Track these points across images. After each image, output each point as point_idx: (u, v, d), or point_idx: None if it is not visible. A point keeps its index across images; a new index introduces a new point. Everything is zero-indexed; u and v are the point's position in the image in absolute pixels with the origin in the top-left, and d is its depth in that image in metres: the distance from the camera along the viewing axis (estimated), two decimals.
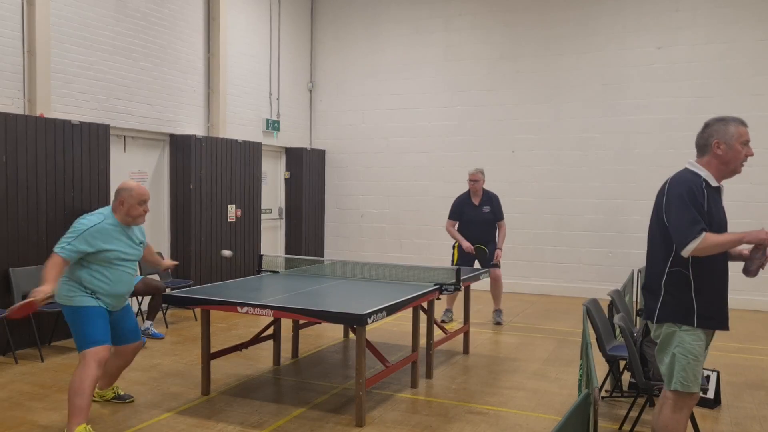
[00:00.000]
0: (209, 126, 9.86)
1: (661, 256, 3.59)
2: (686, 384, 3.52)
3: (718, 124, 3.63)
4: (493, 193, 8.46)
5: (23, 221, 6.76)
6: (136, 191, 4.62)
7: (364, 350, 4.77)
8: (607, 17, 10.36)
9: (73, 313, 4.52)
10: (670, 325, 3.56)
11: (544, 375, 6.17)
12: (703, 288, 3.51)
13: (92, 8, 7.89)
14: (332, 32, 12.23)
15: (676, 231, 3.45)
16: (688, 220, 3.40)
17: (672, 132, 10.03)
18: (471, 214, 8.29)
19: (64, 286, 4.53)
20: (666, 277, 3.56)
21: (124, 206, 4.60)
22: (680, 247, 3.42)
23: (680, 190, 3.48)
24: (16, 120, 6.67)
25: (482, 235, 8.28)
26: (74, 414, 4.33)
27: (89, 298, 4.52)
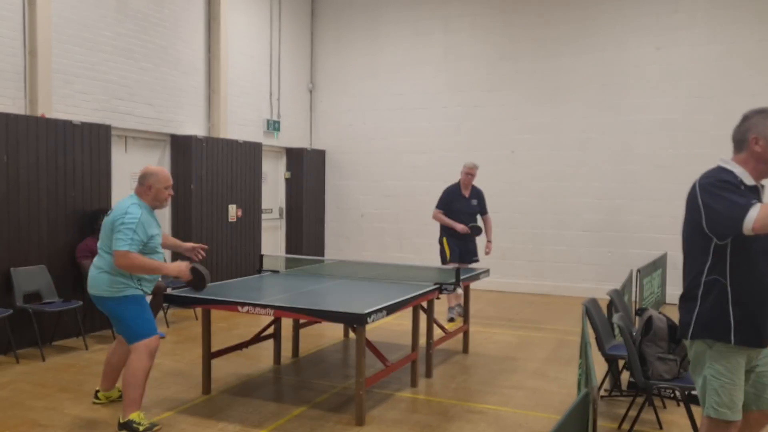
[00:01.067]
0: (210, 126, 9.88)
1: (697, 265, 3.16)
2: (721, 410, 3.08)
3: (758, 116, 3.15)
4: (479, 188, 8.73)
5: (24, 221, 6.77)
6: (162, 175, 4.72)
7: (364, 349, 4.78)
8: (606, 18, 10.38)
9: (121, 304, 4.56)
10: (700, 343, 3.15)
11: (544, 374, 6.19)
12: (743, 299, 3.07)
13: (93, 9, 7.91)
14: (332, 33, 12.25)
15: (721, 216, 2.99)
16: (729, 200, 2.97)
17: (671, 132, 10.04)
18: (460, 206, 8.50)
19: (105, 278, 4.56)
20: (702, 287, 3.14)
21: (152, 191, 4.67)
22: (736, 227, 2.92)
23: (709, 181, 3.11)
24: (17, 120, 6.68)
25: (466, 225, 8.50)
26: (129, 405, 4.51)
27: (135, 288, 4.60)
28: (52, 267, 7.00)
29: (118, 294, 4.54)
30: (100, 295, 4.59)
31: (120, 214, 4.53)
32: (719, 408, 3.09)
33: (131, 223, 4.48)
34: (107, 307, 4.63)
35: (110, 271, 4.57)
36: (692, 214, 3.18)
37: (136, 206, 4.59)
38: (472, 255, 8.52)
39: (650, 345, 4.53)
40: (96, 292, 4.61)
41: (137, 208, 4.58)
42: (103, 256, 4.63)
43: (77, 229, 7.33)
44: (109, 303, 4.59)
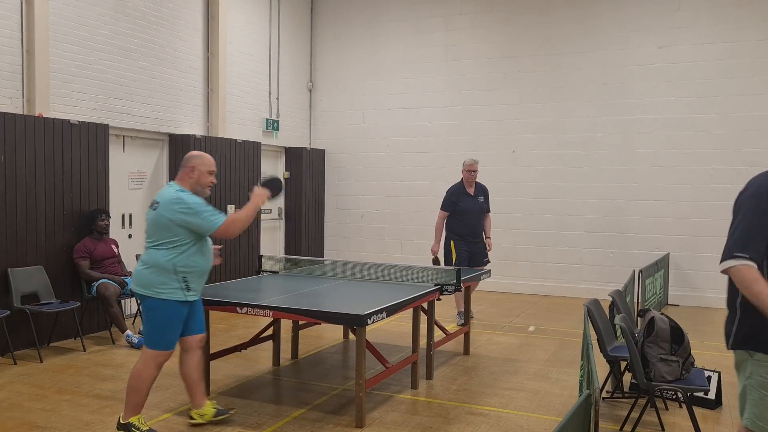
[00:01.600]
0: (208, 126, 9.84)
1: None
2: (759, 423, 2.95)
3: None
4: (483, 184, 8.62)
5: (22, 221, 6.73)
6: (206, 158, 4.58)
7: (364, 351, 4.74)
8: (608, 17, 10.34)
9: (161, 306, 4.37)
10: (742, 353, 3.01)
11: (545, 376, 6.14)
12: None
13: (91, 7, 7.86)
14: (332, 31, 12.21)
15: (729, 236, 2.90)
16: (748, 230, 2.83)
17: (673, 131, 10.00)
18: (467, 204, 8.31)
19: (148, 275, 4.38)
20: (741, 296, 2.95)
21: (195, 173, 4.52)
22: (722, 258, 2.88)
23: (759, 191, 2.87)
24: (15, 120, 6.64)
25: (477, 225, 8.31)
26: (130, 408, 4.42)
27: (179, 292, 4.39)
28: (49, 267, 6.96)
29: (157, 295, 4.36)
30: (141, 292, 4.42)
31: (174, 203, 4.35)
32: (757, 421, 2.96)
33: (198, 202, 4.41)
34: (145, 306, 4.47)
35: (156, 267, 4.37)
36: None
37: (183, 191, 4.44)
38: (482, 257, 8.32)
39: (652, 346, 4.50)
40: (138, 288, 4.44)
41: (186, 192, 4.44)
42: (150, 252, 4.43)
43: (75, 229, 7.29)
44: (148, 302, 4.42)
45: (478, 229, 8.32)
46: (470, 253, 8.23)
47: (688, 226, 9.94)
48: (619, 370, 5.38)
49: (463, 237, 8.25)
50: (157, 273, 4.37)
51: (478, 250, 8.30)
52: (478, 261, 8.24)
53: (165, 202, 4.38)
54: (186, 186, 4.50)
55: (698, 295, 9.85)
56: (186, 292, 4.42)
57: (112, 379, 5.85)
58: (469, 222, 8.27)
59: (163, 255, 4.37)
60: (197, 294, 4.54)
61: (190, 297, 4.46)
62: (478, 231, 8.32)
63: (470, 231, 8.27)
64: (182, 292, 4.41)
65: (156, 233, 4.41)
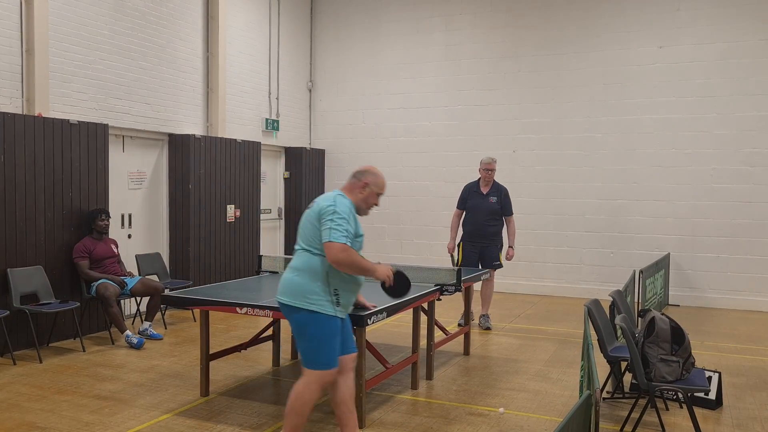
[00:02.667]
0: (208, 125, 9.83)
1: None
2: None
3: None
4: (504, 186, 8.22)
5: (21, 221, 6.72)
6: (381, 179, 4.13)
7: (364, 351, 4.73)
8: (608, 17, 10.33)
9: (312, 320, 3.88)
10: None
11: (546, 376, 6.14)
12: None
13: (90, 7, 7.85)
14: (332, 31, 12.20)
15: None
16: None
17: (674, 132, 9.99)
18: (475, 202, 8.06)
19: (299, 284, 3.90)
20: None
21: (366, 191, 4.08)
22: None
23: None
24: (14, 120, 6.63)
25: (485, 226, 7.99)
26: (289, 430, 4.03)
27: (330, 306, 3.91)
28: (49, 268, 6.95)
29: (309, 306, 3.86)
30: (289, 303, 3.92)
31: (327, 204, 3.90)
32: None
33: (344, 212, 3.85)
34: (293, 320, 3.95)
35: (305, 272, 3.91)
36: None
37: (345, 197, 3.98)
38: (492, 260, 8.00)
39: (653, 347, 4.49)
40: (284, 298, 3.95)
41: (346, 199, 3.97)
42: (302, 255, 3.97)
43: (74, 229, 7.28)
44: (296, 316, 3.91)
45: (486, 231, 8.00)
46: (480, 255, 8.02)
47: (688, 226, 9.93)
48: (620, 371, 5.38)
49: (470, 237, 8.07)
50: (312, 280, 3.89)
51: (488, 253, 8.01)
52: (487, 264, 7.97)
53: (322, 201, 3.97)
54: (351, 197, 4.04)
55: (698, 295, 9.84)
56: (336, 306, 3.94)
57: (112, 379, 5.84)
58: (476, 221, 8.04)
59: (317, 260, 3.91)
60: (346, 311, 4.07)
61: (339, 313, 3.97)
62: (488, 232, 8.00)
63: (476, 231, 8.03)
64: (332, 306, 3.92)
65: (309, 233, 3.95)
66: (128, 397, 5.35)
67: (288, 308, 3.95)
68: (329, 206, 3.88)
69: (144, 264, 8.13)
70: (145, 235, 8.78)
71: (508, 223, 8.17)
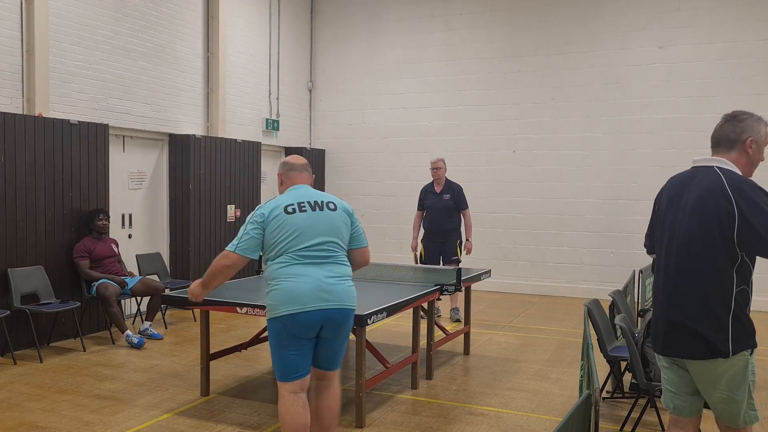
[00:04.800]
0: (208, 125, 9.83)
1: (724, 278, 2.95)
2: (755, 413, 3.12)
3: (752, 120, 3.17)
4: (456, 183, 8.56)
5: (21, 221, 6.73)
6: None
7: (364, 351, 4.74)
8: (608, 16, 10.33)
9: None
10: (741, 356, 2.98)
11: (545, 376, 6.14)
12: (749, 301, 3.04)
13: (91, 7, 7.86)
14: (332, 31, 12.20)
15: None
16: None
17: (673, 131, 10.00)
18: (431, 201, 8.46)
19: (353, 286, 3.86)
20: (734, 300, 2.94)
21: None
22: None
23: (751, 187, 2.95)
24: (15, 120, 6.64)
25: (442, 223, 8.37)
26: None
27: None
28: (49, 267, 6.95)
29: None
30: (354, 307, 3.83)
31: (349, 207, 3.97)
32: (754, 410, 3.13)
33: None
34: (350, 324, 3.86)
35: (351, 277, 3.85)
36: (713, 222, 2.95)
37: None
38: (451, 255, 8.35)
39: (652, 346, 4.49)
40: (352, 304, 3.81)
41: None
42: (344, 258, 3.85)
43: (75, 229, 7.28)
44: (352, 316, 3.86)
45: (444, 228, 8.37)
46: (440, 251, 8.37)
47: None
48: (619, 370, 5.38)
49: (430, 235, 8.44)
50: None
51: (447, 249, 8.37)
52: (447, 259, 8.33)
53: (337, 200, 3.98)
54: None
55: None
56: None
57: (112, 379, 5.85)
58: (433, 219, 8.41)
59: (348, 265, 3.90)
60: None
61: None
62: (446, 229, 8.37)
63: (435, 228, 8.41)
64: None
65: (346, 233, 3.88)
66: (128, 396, 5.36)
67: (351, 312, 3.84)
68: (350, 208, 3.97)
69: (144, 264, 8.13)
70: (146, 235, 8.79)
71: (465, 217, 8.50)
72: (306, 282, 3.63)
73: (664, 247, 3.17)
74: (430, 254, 8.40)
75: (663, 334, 3.15)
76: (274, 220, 3.75)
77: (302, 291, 3.62)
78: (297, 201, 3.83)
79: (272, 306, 3.69)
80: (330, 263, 3.73)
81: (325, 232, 3.76)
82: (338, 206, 3.89)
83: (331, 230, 3.78)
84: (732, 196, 2.92)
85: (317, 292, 3.63)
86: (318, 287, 3.64)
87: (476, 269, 7.55)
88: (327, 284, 3.67)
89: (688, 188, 3.12)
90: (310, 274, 3.65)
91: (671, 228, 3.14)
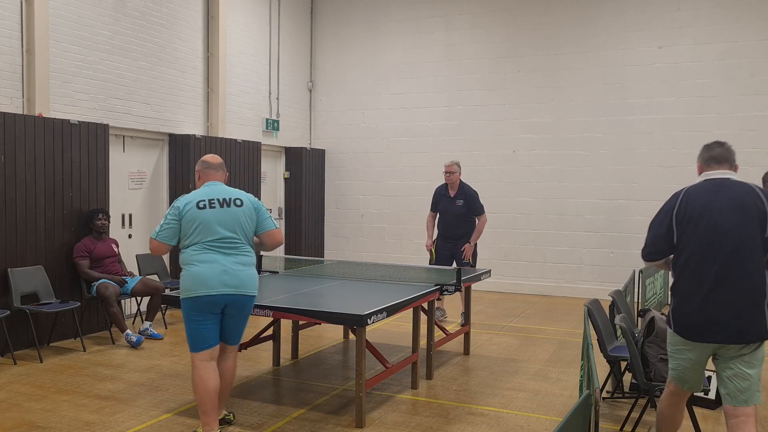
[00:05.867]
0: (208, 125, 9.83)
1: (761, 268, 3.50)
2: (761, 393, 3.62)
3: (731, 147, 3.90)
4: (471, 188, 8.29)
5: (21, 221, 6.73)
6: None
7: (364, 351, 4.74)
8: (608, 17, 10.33)
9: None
10: None
11: (545, 376, 6.14)
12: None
13: (91, 7, 7.86)
14: (332, 31, 12.20)
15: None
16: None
17: (674, 132, 10.00)
18: (444, 206, 8.27)
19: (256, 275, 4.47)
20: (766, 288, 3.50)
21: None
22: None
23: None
24: (15, 120, 6.64)
25: (454, 228, 8.18)
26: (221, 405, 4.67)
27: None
28: (49, 267, 6.95)
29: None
30: (254, 294, 4.44)
31: (256, 199, 4.53)
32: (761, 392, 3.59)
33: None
34: (251, 305, 4.51)
35: (254, 266, 4.47)
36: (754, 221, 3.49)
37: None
38: (461, 259, 8.16)
39: (652, 346, 4.49)
40: (252, 291, 4.41)
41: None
42: (248, 250, 4.43)
43: (75, 229, 7.28)
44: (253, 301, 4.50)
45: (457, 232, 8.16)
46: (451, 254, 8.20)
47: None
48: (620, 370, 5.38)
49: (443, 237, 8.29)
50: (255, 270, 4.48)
51: (458, 252, 8.19)
52: (459, 263, 8.12)
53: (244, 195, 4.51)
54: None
55: None
56: None
57: (112, 379, 5.85)
58: (446, 224, 8.25)
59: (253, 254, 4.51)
60: None
61: None
62: (458, 234, 8.16)
63: (447, 233, 8.23)
64: None
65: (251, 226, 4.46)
66: (129, 396, 5.36)
67: (252, 299, 4.43)
68: (257, 201, 4.51)
69: (144, 264, 8.13)
70: (146, 235, 8.78)
71: (478, 222, 8.23)
72: (213, 268, 4.23)
73: (705, 246, 3.53)
74: (441, 256, 8.23)
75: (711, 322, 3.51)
76: (188, 213, 4.30)
77: (210, 275, 4.21)
78: (208, 198, 4.37)
79: (184, 287, 4.27)
80: (234, 254, 4.32)
81: (230, 227, 4.33)
82: (244, 202, 4.43)
83: (235, 225, 4.35)
84: (764, 200, 3.50)
85: (222, 276, 4.23)
86: (223, 272, 4.24)
87: (476, 269, 7.57)
88: (231, 270, 4.27)
89: (718, 195, 3.57)
90: (217, 261, 4.25)
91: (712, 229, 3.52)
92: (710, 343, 3.53)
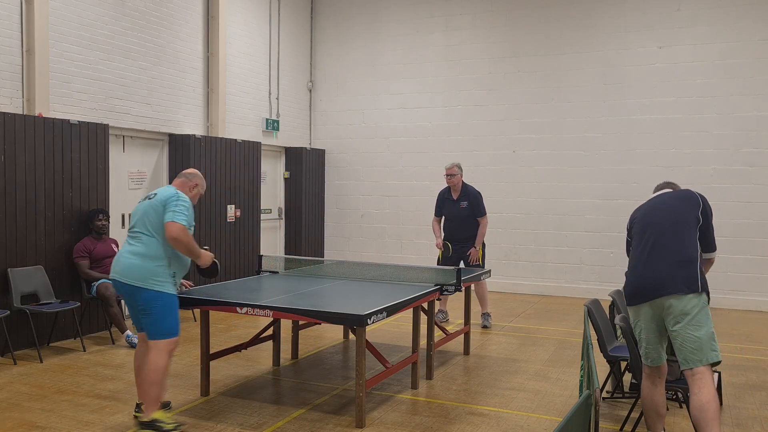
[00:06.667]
0: (208, 126, 9.83)
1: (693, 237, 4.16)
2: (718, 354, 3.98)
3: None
4: (474, 189, 8.20)
5: (21, 221, 6.73)
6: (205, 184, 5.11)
7: (364, 351, 4.74)
8: (608, 17, 10.33)
9: (158, 298, 4.49)
10: (704, 295, 4.06)
11: (545, 376, 6.14)
12: None
13: (91, 7, 7.86)
14: (332, 31, 12.21)
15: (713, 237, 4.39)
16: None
17: (674, 132, 9.99)
18: (449, 210, 8.20)
19: (143, 267, 4.47)
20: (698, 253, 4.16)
21: (194, 191, 4.91)
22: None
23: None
24: (15, 120, 6.64)
25: (460, 230, 8.12)
26: (152, 403, 4.50)
27: (171, 285, 4.59)
28: (49, 267, 6.95)
29: (156, 288, 4.46)
30: (135, 285, 4.46)
31: (171, 195, 4.59)
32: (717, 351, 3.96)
33: (185, 202, 4.60)
34: (141, 299, 4.49)
35: (149, 258, 4.49)
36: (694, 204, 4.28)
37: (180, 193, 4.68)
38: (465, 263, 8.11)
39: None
40: (130, 281, 4.47)
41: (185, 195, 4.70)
42: (143, 241, 4.54)
43: (75, 229, 7.28)
44: (144, 294, 4.47)
45: (462, 235, 8.11)
46: (458, 256, 8.13)
47: None
48: (620, 370, 5.38)
49: (449, 241, 8.21)
50: (154, 264, 4.50)
51: (465, 256, 8.12)
52: (467, 266, 8.06)
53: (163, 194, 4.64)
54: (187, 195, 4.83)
55: None
56: (174, 286, 4.62)
57: (112, 379, 5.85)
58: (452, 228, 8.19)
59: (163, 246, 4.54)
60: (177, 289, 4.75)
61: (176, 291, 4.67)
62: (463, 237, 8.11)
63: (453, 237, 8.17)
64: (173, 286, 4.61)
65: (148, 221, 4.57)
66: (129, 396, 5.36)
67: (134, 289, 4.49)
68: (173, 195, 4.58)
69: None
70: None
71: (480, 224, 8.15)
72: (117, 255, 4.66)
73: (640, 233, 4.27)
74: (447, 258, 8.15)
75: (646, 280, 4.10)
76: None
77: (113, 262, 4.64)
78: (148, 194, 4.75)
79: None
80: (132, 243, 4.57)
81: (136, 218, 4.64)
82: (157, 196, 4.62)
83: (139, 217, 4.61)
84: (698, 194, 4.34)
85: (114, 264, 4.59)
86: (116, 260, 4.61)
87: (476, 269, 7.56)
88: (119, 258, 4.58)
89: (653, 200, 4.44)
90: (121, 249, 4.67)
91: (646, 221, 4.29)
92: (647, 301, 4.04)
